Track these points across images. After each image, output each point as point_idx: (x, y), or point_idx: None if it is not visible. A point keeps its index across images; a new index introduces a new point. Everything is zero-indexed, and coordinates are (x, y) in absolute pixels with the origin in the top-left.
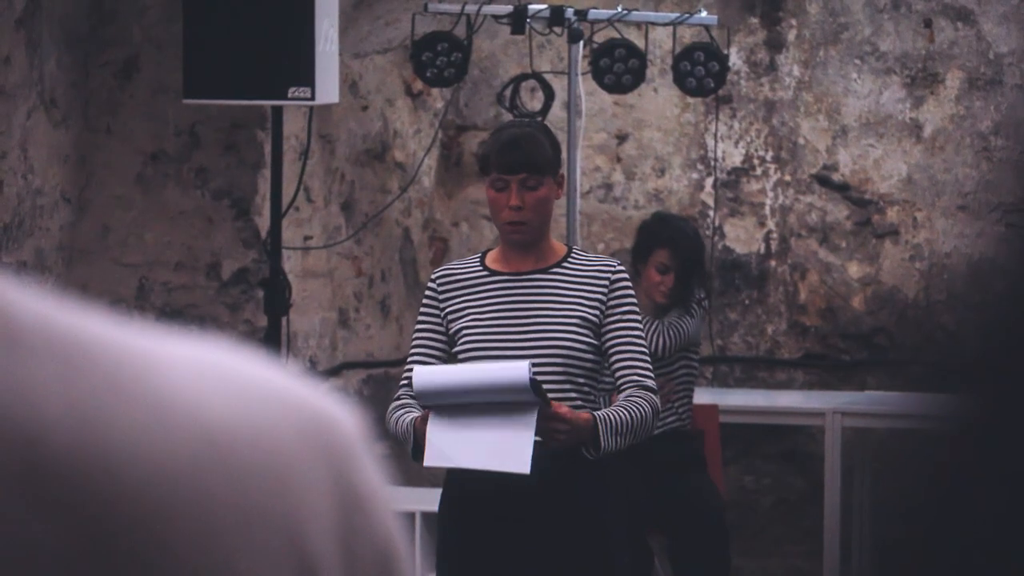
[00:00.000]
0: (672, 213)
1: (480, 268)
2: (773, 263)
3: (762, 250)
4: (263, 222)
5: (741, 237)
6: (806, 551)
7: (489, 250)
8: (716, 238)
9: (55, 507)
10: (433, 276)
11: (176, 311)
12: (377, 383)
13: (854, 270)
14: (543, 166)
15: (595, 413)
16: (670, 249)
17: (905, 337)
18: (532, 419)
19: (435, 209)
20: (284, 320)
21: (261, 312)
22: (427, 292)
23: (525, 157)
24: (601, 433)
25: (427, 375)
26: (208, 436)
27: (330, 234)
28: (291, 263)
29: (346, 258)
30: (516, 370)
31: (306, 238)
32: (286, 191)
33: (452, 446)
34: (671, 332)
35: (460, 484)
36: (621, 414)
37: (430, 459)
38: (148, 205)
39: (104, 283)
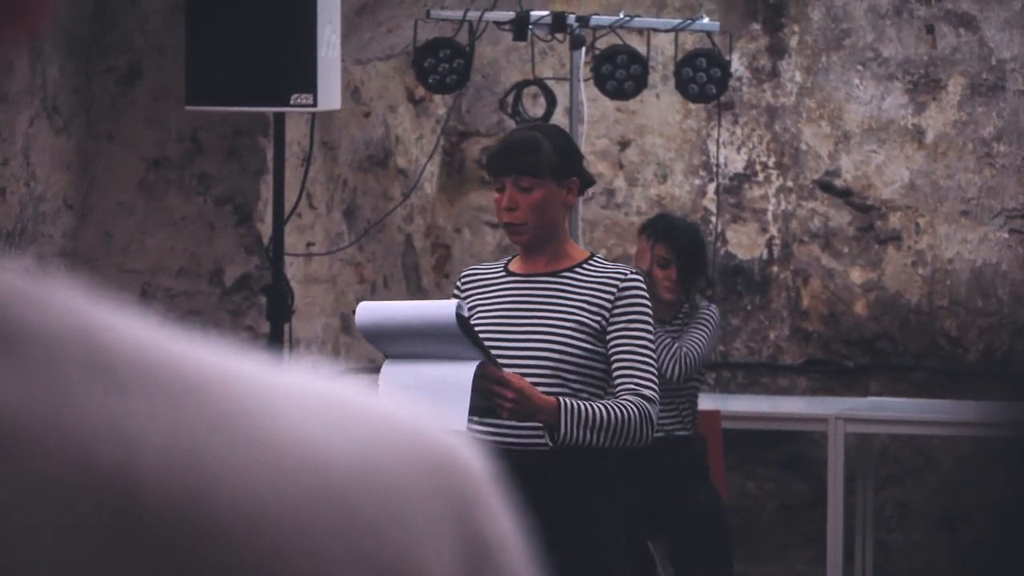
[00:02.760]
0: (669, 213)
1: (501, 269)
2: (775, 269)
3: (764, 256)
4: (265, 228)
5: (743, 243)
6: (809, 557)
7: (515, 256)
8: (718, 244)
9: (154, 559)
10: (461, 275)
11: (178, 318)
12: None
13: (856, 276)
14: (536, 168)
15: (561, 399)
16: (665, 242)
17: (908, 343)
18: (469, 375)
19: (437, 215)
20: (286, 326)
21: (263, 318)
22: (454, 291)
23: (513, 160)
24: (563, 420)
25: (367, 311)
26: (326, 479)
27: (332, 240)
28: (293, 269)
29: (348, 264)
30: (444, 307)
31: (308, 244)
32: (288, 197)
33: None
34: (686, 362)
35: None
36: (595, 409)
37: None
38: (150, 211)
39: (106, 290)
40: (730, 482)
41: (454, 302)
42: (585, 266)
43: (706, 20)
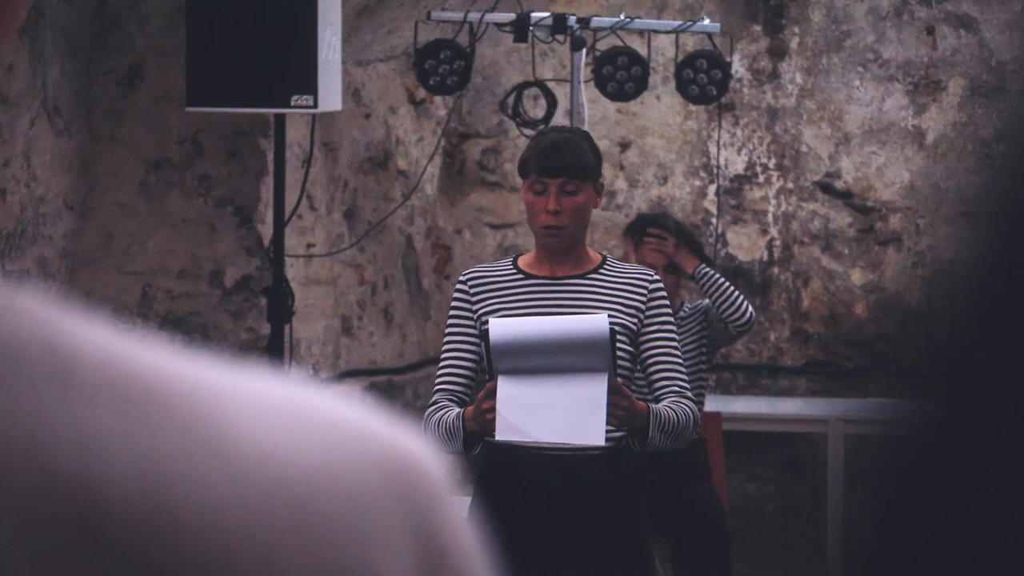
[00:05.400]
0: (648, 213)
1: (513, 270)
2: (776, 270)
3: (765, 257)
4: (266, 230)
5: (744, 244)
6: (809, 559)
7: (519, 255)
8: (719, 245)
9: (114, 564)
10: (463, 277)
11: (179, 319)
12: (380, 391)
13: (857, 277)
14: (584, 172)
15: (649, 405)
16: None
17: (908, 344)
18: (603, 389)
19: (438, 217)
20: (287, 328)
21: (264, 320)
22: (457, 293)
23: (566, 162)
24: (651, 425)
25: (503, 327)
26: (280, 483)
27: (333, 242)
28: (294, 271)
29: (349, 266)
30: (596, 321)
31: (309, 246)
32: (289, 199)
33: (523, 419)
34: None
35: (490, 489)
36: (670, 414)
37: (501, 432)
38: (151, 213)
39: (107, 291)
40: (730, 484)
41: (604, 315)
42: (607, 267)
43: (707, 22)
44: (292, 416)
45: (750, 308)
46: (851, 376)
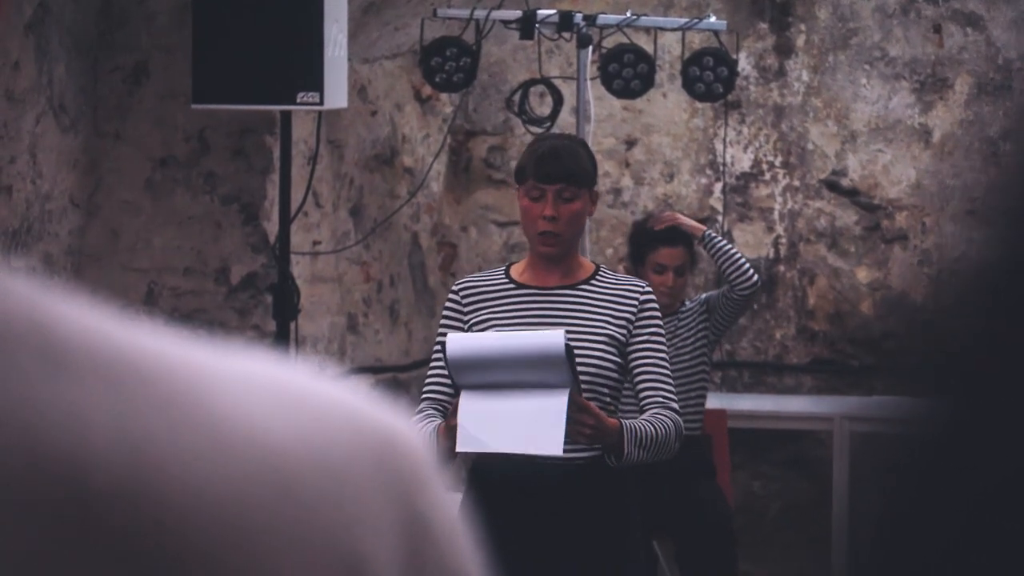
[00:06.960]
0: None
1: (505, 280)
2: (782, 268)
3: (771, 255)
4: (272, 227)
5: (750, 242)
6: (814, 557)
7: (512, 263)
8: None
9: (104, 542)
10: (455, 287)
11: (185, 316)
12: (386, 388)
13: (863, 275)
14: (581, 179)
15: (623, 421)
16: (674, 246)
17: (914, 342)
18: (564, 400)
19: (444, 214)
20: (293, 325)
21: (270, 317)
22: (449, 302)
23: (564, 168)
24: (627, 441)
25: (460, 342)
26: (268, 461)
27: (339, 239)
28: (300, 268)
29: (355, 263)
30: (551, 337)
31: (315, 243)
32: (295, 196)
33: (483, 431)
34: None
35: (479, 488)
36: (647, 428)
37: (462, 445)
38: (157, 210)
39: (113, 288)
40: (735, 482)
41: (561, 331)
42: (599, 278)
43: (713, 19)
44: (278, 394)
45: (755, 273)
46: (857, 374)
